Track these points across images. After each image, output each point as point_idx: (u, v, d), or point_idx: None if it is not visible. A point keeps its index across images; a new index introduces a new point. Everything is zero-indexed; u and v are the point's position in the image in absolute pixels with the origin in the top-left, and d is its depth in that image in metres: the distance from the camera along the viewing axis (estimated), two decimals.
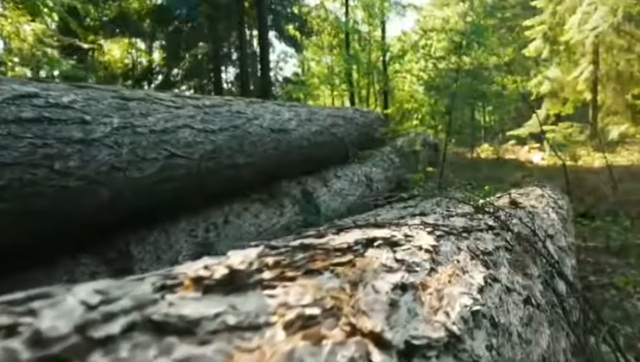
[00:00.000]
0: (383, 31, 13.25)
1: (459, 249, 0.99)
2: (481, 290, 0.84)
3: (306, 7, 16.26)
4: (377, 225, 0.98)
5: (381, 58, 11.93)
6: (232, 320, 0.40)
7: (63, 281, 1.69)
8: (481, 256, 1.03)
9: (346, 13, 12.94)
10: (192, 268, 0.47)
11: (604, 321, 1.49)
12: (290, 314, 0.45)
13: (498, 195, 2.39)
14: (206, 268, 0.46)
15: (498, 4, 17.50)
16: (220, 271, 0.45)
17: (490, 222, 1.37)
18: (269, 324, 0.42)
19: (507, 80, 9.49)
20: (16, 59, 8.41)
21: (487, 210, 1.46)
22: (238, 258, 0.52)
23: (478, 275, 0.89)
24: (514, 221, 1.55)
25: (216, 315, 0.40)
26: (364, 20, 13.28)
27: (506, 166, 9.16)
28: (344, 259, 0.66)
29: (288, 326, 0.43)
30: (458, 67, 5.22)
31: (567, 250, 2.09)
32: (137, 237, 1.97)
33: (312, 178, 3.12)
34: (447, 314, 0.65)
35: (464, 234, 1.13)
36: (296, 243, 0.67)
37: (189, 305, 0.39)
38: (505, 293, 0.94)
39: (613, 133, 12.66)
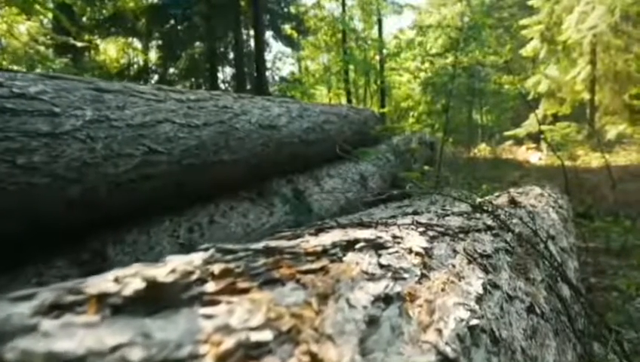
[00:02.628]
0: (380, 28, 13.16)
1: (454, 251, 0.88)
2: (479, 299, 0.73)
3: (303, 7, 16.15)
4: (363, 225, 0.87)
5: (378, 57, 11.84)
6: (137, 354, 0.29)
7: (31, 286, 1.58)
8: (479, 260, 0.92)
9: (343, 9, 12.85)
10: (100, 281, 0.35)
11: (611, 328, 1.39)
12: (229, 342, 0.34)
13: (496, 194, 2.29)
14: (116, 280, 0.34)
15: (495, 4, 17.44)
16: (134, 286, 0.34)
17: (489, 222, 1.26)
18: (194, 358, 0.31)
19: (505, 79, 9.40)
20: (9, 57, 8.31)
21: (485, 208, 1.36)
22: (172, 266, 0.41)
23: (476, 282, 0.78)
24: (514, 221, 1.44)
25: (115, 348, 0.28)
26: (361, 18, 13.20)
27: (503, 166, 9.08)
28: (316, 266, 0.55)
29: (223, 359, 0.32)
30: (455, 63, 5.12)
31: (569, 251, 1.99)
32: (115, 237, 1.86)
33: (303, 176, 3.01)
34: (439, 331, 0.54)
35: (460, 235, 1.02)
36: (260, 246, 0.56)
37: (76, 335, 0.28)
38: (506, 302, 0.83)
39: (611, 133, 12.61)
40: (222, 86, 17.38)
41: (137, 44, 17.99)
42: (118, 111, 1.75)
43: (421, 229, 0.92)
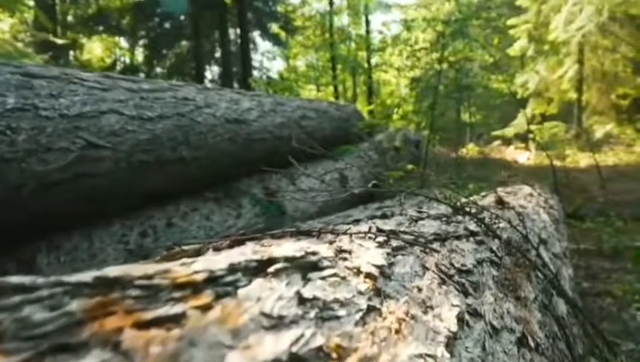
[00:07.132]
0: (367, 26, 13.00)
1: (424, 268, 0.67)
2: (452, 340, 0.52)
3: (291, 6, 15.96)
4: (301, 234, 0.66)
5: (365, 55, 11.67)
6: None
7: None
8: (456, 277, 0.71)
9: (330, 6, 12.66)
10: None
11: (615, 351, 1.19)
12: None
13: (483, 194, 2.10)
14: None
15: (484, 4, 17.36)
16: None
17: (472, 227, 1.06)
18: None
19: (493, 77, 9.28)
20: None
21: (468, 210, 1.15)
22: None
23: (449, 312, 0.57)
24: (501, 224, 1.24)
25: None
26: (349, 15, 13.04)
27: (491, 165, 8.93)
28: (176, 310, 0.34)
29: None
30: (441, 57, 4.93)
31: (563, 257, 1.80)
32: (50, 244, 1.62)
33: (277, 175, 2.79)
34: None
35: (435, 245, 0.81)
36: (89, 276, 0.34)
37: None
38: (491, 337, 0.62)
39: (598, 132, 12.58)
40: (210, 85, 17.08)
41: (125, 43, 17.74)
42: (50, 100, 1.52)
43: (382, 239, 0.71)
